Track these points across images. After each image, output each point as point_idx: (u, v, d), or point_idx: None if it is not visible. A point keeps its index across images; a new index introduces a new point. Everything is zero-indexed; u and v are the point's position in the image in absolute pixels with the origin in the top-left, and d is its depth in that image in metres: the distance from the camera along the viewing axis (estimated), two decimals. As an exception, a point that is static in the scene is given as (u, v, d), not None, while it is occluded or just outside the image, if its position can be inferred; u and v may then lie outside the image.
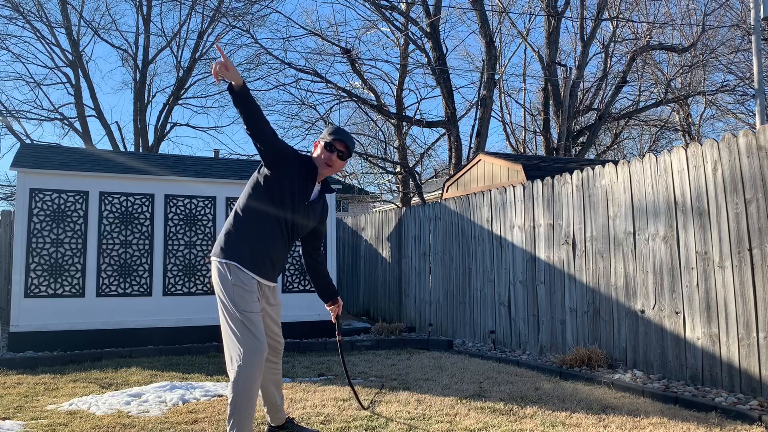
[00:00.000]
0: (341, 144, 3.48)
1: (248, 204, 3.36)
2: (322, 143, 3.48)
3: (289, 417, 3.77)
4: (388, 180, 21.81)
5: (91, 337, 7.42)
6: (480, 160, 10.00)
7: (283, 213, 3.36)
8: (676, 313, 5.14)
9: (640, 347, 5.51)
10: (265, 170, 3.37)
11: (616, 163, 5.92)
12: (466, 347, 7.56)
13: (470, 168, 10.27)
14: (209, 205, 8.27)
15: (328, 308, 3.88)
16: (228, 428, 3.13)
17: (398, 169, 16.84)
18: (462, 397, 4.69)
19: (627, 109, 18.87)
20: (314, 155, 3.52)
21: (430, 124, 14.72)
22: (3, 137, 33.26)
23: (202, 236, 8.19)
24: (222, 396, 4.88)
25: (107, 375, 5.80)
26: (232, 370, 3.15)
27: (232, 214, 3.41)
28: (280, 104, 32.16)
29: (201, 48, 18.09)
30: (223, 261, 3.28)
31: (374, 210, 23.27)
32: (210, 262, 3.94)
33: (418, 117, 15.71)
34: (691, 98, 19.19)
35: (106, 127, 17.69)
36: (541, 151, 17.79)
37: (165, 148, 19.56)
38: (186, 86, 18.34)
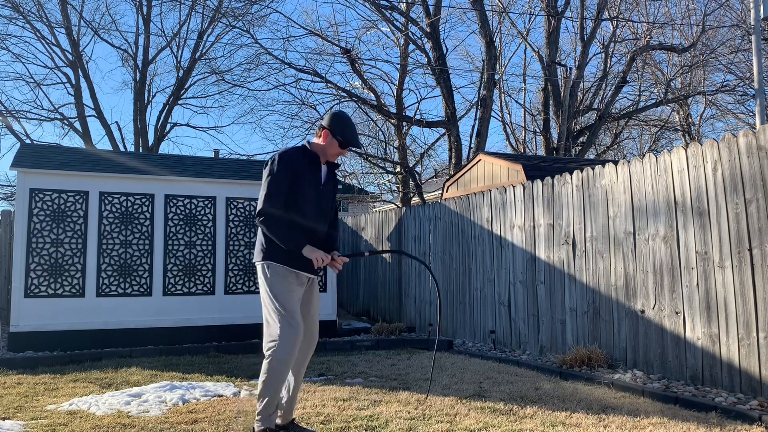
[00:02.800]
0: (351, 144, 3.73)
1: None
2: (336, 141, 3.66)
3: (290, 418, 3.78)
4: (388, 180, 21.79)
5: (91, 337, 7.42)
6: (480, 160, 9.99)
7: (308, 206, 3.61)
8: (676, 313, 5.14)
9: (640, 347, 5.51)
10: None
11: (616, 163, 5.92)
12: (467, 347, 7.56)
13: (470, 168, 10.27)
14: (209, 205, 8.27)
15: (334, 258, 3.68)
16: (258, 404, 3.43)
17: (398, 169, 16.84)
18: (462, 397, 4.70)
19: (627, 109, 18.86)
20: (320, 142, 3.71)
21: (430, 124, 14.71)
22: (3, 137, 33.24)
23: (202, 236, 8.18)
24: (222, 396, 4.88)
25: (107, 375, 5.80)
26: (267, 348, 3.43)
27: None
28: (281, 104, 32.15)
29: (201, 48, 18.08)
30: (265, 263, 3.56)
31: (374, 210, 23.26)
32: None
33: (418, 117, 15.70)
34: (691, 98, 19.18)
35: (106, 127, 17.67)
36: (541, 151, 17.78)
37: (165, 148, 19.53)
38: (186, 86, 18.32)
